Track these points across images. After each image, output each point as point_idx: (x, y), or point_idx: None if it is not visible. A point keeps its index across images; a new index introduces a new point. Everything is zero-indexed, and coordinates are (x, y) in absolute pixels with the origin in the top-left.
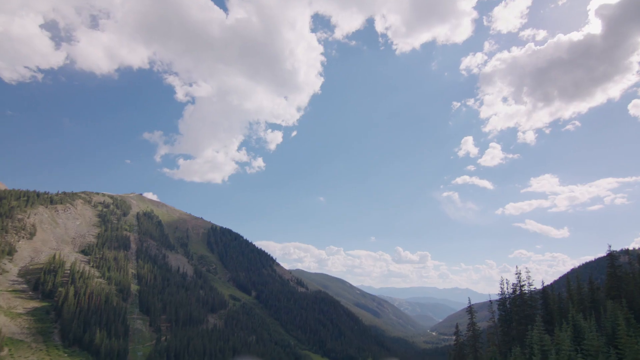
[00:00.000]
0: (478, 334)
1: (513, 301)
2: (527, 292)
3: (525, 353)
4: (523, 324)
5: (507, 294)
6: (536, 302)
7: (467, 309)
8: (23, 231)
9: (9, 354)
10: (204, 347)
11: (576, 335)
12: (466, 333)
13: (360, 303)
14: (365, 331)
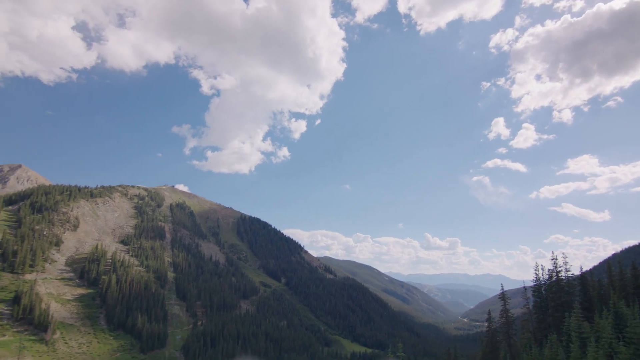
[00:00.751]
0: (511, 321)
1: (549, 287)
2: (564, 278)
3: (562, 340)
4: (560, 311)
5: (542, 280)
6: (574, 288)
7: (500, 295)
8: (68, 223)
9: (61, 337)
10: (237, 331)
11: (617, 323)
12: (499, 320)
13: (388, 289)
14: (395, 317)
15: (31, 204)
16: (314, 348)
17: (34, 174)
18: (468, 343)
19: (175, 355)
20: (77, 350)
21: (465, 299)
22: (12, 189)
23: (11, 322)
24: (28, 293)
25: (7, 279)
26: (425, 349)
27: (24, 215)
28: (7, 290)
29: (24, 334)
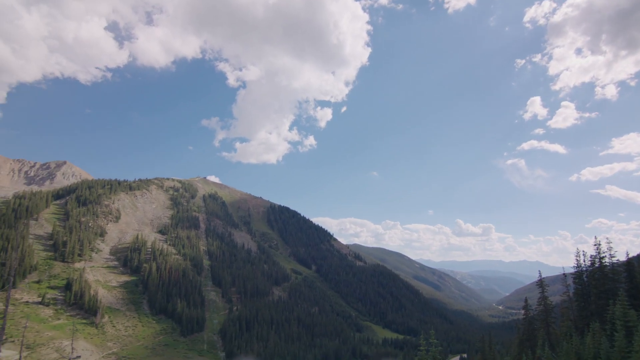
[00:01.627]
0: (550, 308)
1: (591, 274)
2: (609, 264)
3: (605, 329)
4: (603, 298)
5: (584, 267)
6: (619, 275)
7: (538, 282)
8: (110, 215)
9: (109, 320)
10: (271, 316)
11: None
12: (536, 307)
13: (419, 276)
14: (426, 304)
15: (76, 197)
16: (346, 334)
17: (77, 170)
18: (503, 330)
19: (213, 338)
20: (124, 333)
21: (500, 286)
22: (59, 184)
23: (65, 307)
24: (78, 280)
25: (59, 268)
26: (458, 335)
27: (70, 209)
28: (59, 278)
29: (76, 318)
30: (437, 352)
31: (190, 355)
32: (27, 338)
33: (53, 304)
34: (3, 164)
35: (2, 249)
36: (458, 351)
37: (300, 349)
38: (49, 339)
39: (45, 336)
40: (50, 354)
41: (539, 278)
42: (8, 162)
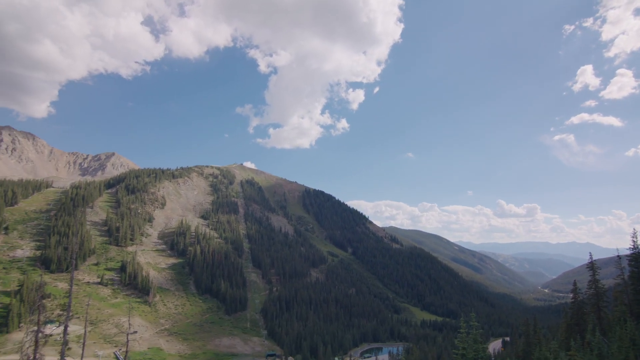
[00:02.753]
0: (602, 292)
1: None
2: None
3: None
4: None
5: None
6: None
7: (588, 264)
8: (156, 202)
9: (160, 299)
10: (309, 297)
11: None
12: (586, 291)
13: (458, 259)
14: (466, 286)
15: (126, 186)
16: (383, 315)
17: (125, 160)
18: (549, 314)
19: (255, 317)
20: (174, 311)
21: (546, 269)
22: (109, 174)
23: (121, 287)
24: (131, 263)
25: (114, 251)
26: (500, 318)
27: (121, 197)
28: (114, 261)
29: (131, 297)
30: (477, 335)
31: (235, 333)
32: (90, 315)
33: (110, 284)
34: (60, 157)
35: (64, 234)
36: (500, 334)
37: (338, 328)
38: (108, 315)
39: (105, 313)
40: (110, 329)
41: (589, 260)
42: (64, 156)
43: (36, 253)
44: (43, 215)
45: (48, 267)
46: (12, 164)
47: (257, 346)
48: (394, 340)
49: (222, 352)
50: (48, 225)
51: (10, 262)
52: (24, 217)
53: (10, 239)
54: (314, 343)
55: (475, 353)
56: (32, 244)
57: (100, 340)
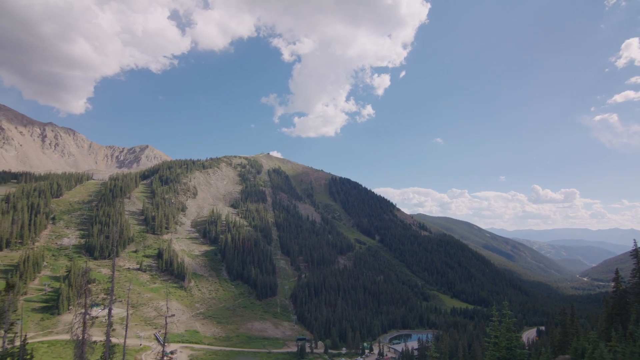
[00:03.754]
0: None
1: None
2: None
3: None
4: None
5: None
6: None
7: (632, 251)
8: (188, 192)
9: (195, 284)
10: (337, 284)
11: None
12: (630, 279)
13: (490, 246)
14: (498, 274)
15: (159, 177)
16: (412, 302)
17: (158, 152)
18: (588, 303)
19: (285, 302)
20: (208, 295)
21: (585, 257)
22: (144, 165)
23: (158, 272)
24: (167, 250)
25: (151, 239)
26: (534, 307)
27: (155, 187)
28: (152, 248)
29: (168, 282)
30: (511, 324)
31: (266, 317)
32: (131, 299)
33: (149, 270)
34: (98, 151)
35: (105, 223)
36: (534, 323)
37: (367, 314)
38: (148, 299)
39: (145, 297)
40: (150, 312)
41: (634, 247)
42: (102, 149)
43: (81, 241)
44: (85, 205)
45: (92, 254)
46: (55, 158)
47: (288, 330)
48: (423, 328)
49: (254, 335)
50: (90, 215)
51: (59, 249)
52: (68, 208)
53: (58, 228)
54: (343, 328)
55: (508, 342)
56: (77, 233)
57: (142, 323)
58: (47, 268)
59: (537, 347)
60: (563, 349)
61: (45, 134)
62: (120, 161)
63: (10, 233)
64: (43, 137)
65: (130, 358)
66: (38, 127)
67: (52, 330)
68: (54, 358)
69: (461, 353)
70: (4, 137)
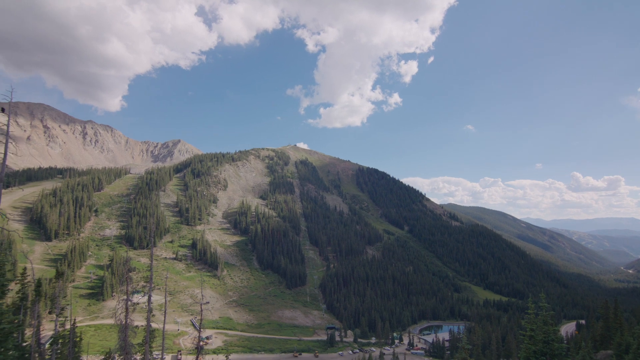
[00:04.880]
0: None
1: None
2: None
3: None
4: None
5: None
6: None
7: None
8: (219, 184)
9: (227, 273)
10: (366, 274)
11: None
12: None
13: (526, 236)
14: (534, 266)
15: (191, 170)
16: (443, 293)
17: (190, 146)
18: (633, 297)
19: (314, 292)
20: (240, 284)
21: (631, 248)
22: (177, 159)
23: (193, 261)
24: (200, 240)
25: (186, 230)
26: (573, 300)
27: (188, 180)
28: (186, 238)
29: (202, 271)
30: (548, 317)
31: (296, 306)
32: (168, 286)
33: (184, 259)
34: (134, 146)
35: (142, 215)
36: (574, 317)
37: (396, 305)
38: (184, 287)
39: (181, 285)
40: (186, 299)
41: None
42: (138, 145)
43: (121, 232)
44: (124, 198)
45: (131, 244)
46: (95, 154)
47: (317, 319)
48: (455, 319)
49: (284, 323)
50: (129, 207)
51: (101, 240)
52: (109, 201)
53: (100, 220)
54: (372, 318)
55: (545, 335)
56: (117, 224)
57: (179, 309)
58: (91, 257)
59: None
60: (605, 344)
61: (86, 131)
62: (154, 155)
63: (58, 225)
64: (84, 134)
65: (169, 342)
66: (79, 125)
67: (98, 315)
68: (100, 341)
69: (494, 345)
70: (49, 135)
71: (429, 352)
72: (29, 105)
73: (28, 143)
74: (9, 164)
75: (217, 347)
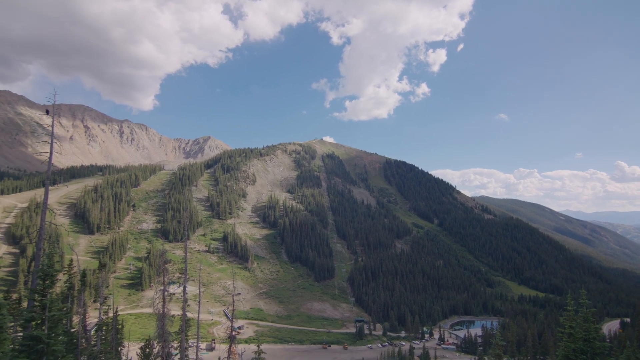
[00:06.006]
0: None
1: None
2: None
3: None
4: None
5: None
6: None
7: None
8: (248, 179)
9: (257, 266)
10: (395, 267)
11: None
12: None
13: (564, 230)
14: (574, 260)
15: (221, 166)
16: (475, 288)
17: (219, 142)
18: None
19: (343, 285)
20: (270, 276)
21: None
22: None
23: (224, 254)
24: (231, 233)
25: (217, 224)
26: (617, 297)
27: (218, 175)
28: (218, 232)
29: (233, 263)
30: (589, 314)
31: (324, 299)
32: (202, 278)
33: (216, 252)
34: (167, 143)
35: (176, 209)
36: (618, 314)
37: (426, 299)
38: (216, 279)
39: (214, 277)
40: (219, 290)
41: None
42: (170, 142)
43: (157, 226)
44: (159, 193)
45: (167, 237)
46: (132, 152)
47: (346, 312)
48: (487, 315)
49: (313, 315)
50: (164, 202)
51: (139, 233)
52: (145, 196)
53: (138, 214)
54: (402, 312)
55: (585, 333)
56: (153, 218)
57: (212, 300)
58: (130, 250)
59: (620, 340)
60: None
61: (122, 130)
62: (186, 152)
63: (100, 219)
64: (121, 133)
65: (203, 331)
66: (116, 124)
67: (137, 304)
68: (140, 328)
69: (530, 342)
70: (89, 134)
71: (460, 347)
72: (70, 107)
73: (71, 142)
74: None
75: (248, 337)
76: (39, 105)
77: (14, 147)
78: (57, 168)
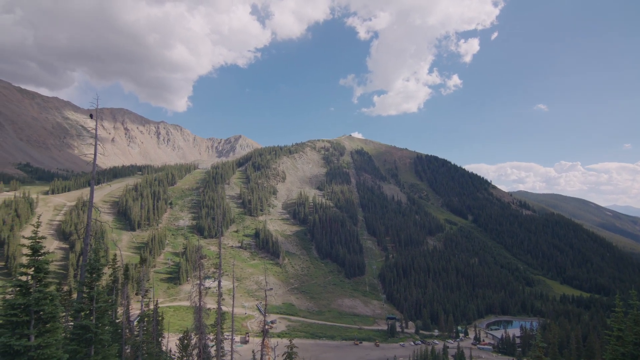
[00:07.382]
0: None
1: None
2: None
3: None
4: None
5: None
6: None
7: None
8: (278, 176)
9: (288, 262)
10: (427, 265)
11: None
12: None
13: (611, 226)
14: (623, 259)
15: (252, 164)
16: (513, 287)
17: (250, 141)
18: None
19: (373, 282)
20: (300, 272)
21: None
22: (239, 154)
23: (257, 250)
24: (263, 230)
25: (249, 220)
26: None
27: (249, 173)
28: (250, 228)
29: (265, 259)
30: (639, 316)
31: (355, 295)
32: (235, 273)
33: (248, 248)
34: (201, 143)
35: (210, 207)
36: None
37: (460, 298)
38: (249, 274)
39: (246, 272)
40: (251, 285)
41: None
42: (204, 142)
43: (192, 222)
44: (194, 191)
45: (202, 233)
46: (168, 152)
47: (377, 309)
48: (526, 315)
49: (344, 311)
50: (198, 200)
51: (176, 229)
52: (181, 194)
53: (174, 212)
54: (434, 310)
55: (636, 336)
56: (189, 215)
57: (245, 294)
58: (168, 245)
59: None
60: None
61: (159, 131)
62: (219, 151)
63: (140, 216)
64: (157, 134)
65: (237, 325)
66: (153, 125)
67: (175, 297)
68: (178, 320)
69: (574, 345)
70: (129, 136)
71: (497, 348)
72: (111, 110)
73: (112, 144)
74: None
75: (281, 331)
76: (83, 109)
77: (62, 149)
78: (100, 168)
